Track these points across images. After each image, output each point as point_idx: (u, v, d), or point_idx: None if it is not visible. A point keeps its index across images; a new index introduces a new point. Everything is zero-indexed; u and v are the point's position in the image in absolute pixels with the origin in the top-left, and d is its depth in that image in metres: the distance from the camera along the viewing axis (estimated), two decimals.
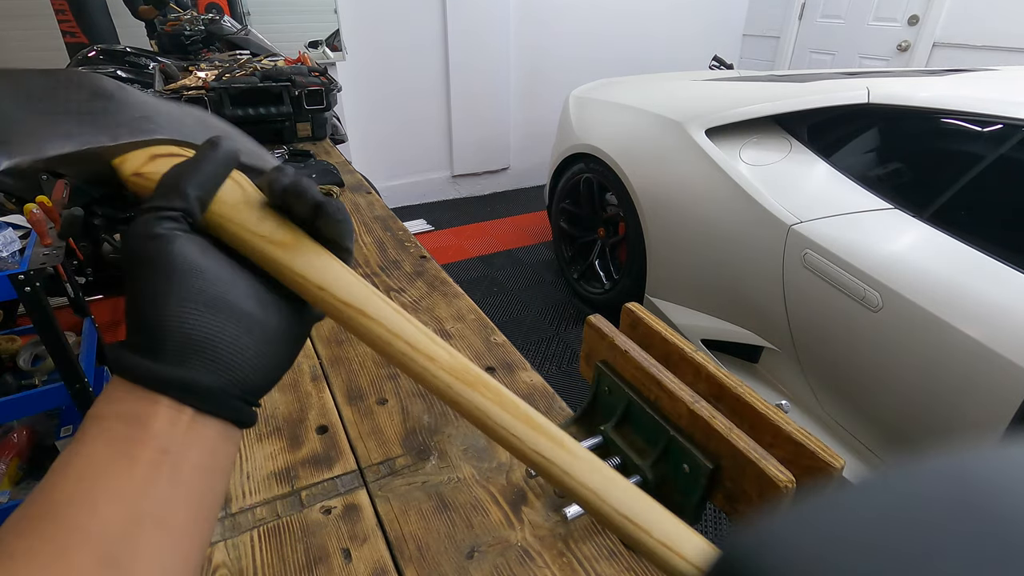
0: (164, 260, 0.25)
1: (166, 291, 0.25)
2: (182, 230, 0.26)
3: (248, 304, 0.27)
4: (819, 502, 0.17)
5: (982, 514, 0.14)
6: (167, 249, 0.26)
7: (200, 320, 0.25)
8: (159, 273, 0.25)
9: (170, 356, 0.25)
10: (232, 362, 0.26)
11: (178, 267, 0.25)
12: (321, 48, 3.02)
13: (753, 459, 0.45)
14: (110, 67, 2.23)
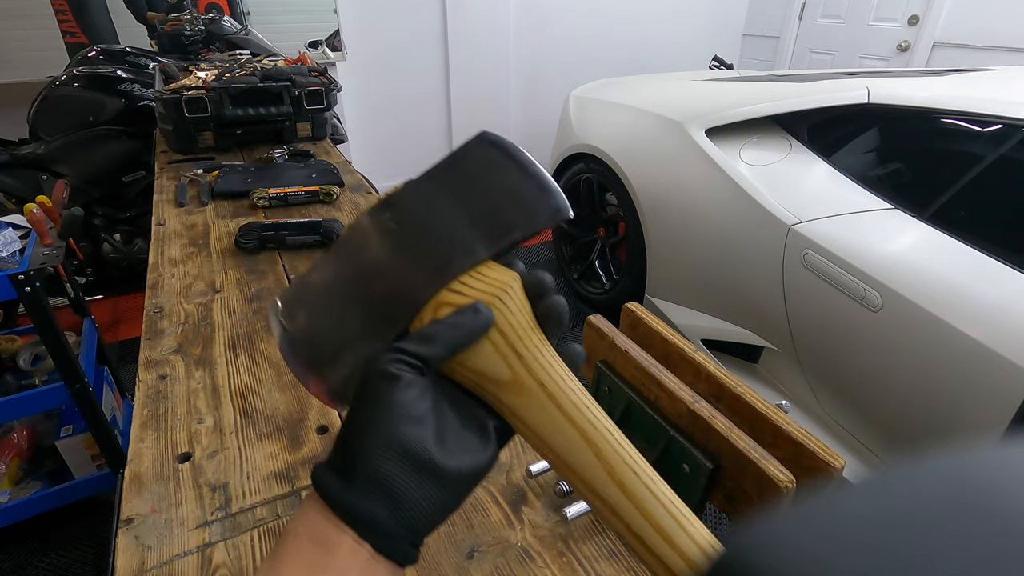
0: (384, 400, 0.27)
1: (376, 429, 0.27)
2: (413, 375, 0.28)
3: (450, 459, 0.28)
4: (819, 502, 0.17)
5: (981, 514, 0.14)
6: (391, 390, 0.27)
7: (397, 469, 0.26)
8: (376, 409, 0.27)
9: (360, 486, 0.26)
10: (415, 511, 0.27)
11: (395, 412, 0.27)
12: (321, 48, 3.02)
13: (753, 459, 0.45)
14: (110, 67, 2.23)
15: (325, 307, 0.32)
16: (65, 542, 1.47)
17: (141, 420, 0.64)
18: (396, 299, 0.30)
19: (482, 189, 0.33)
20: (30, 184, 2.11)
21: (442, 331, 0.28)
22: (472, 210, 0.32)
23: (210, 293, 0.90)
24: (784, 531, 0.16)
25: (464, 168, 0.34)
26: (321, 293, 0.32)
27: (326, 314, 0.32)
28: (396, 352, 0.28)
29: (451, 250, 0.31)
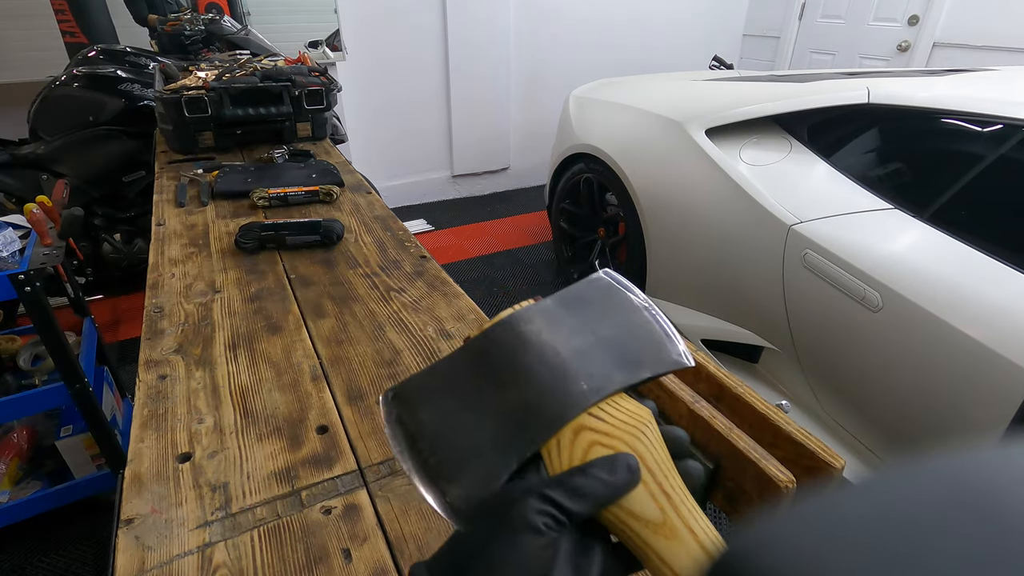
0: (520, 554, 0.25)
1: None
2: (556, 531, 0.26)
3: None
4: (819, 502, 0.17)
5: (980, 515, 0.14)
6: (528, 545, 0.25)
7: None
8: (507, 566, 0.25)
9: None
10: None
11: (535, 566, 0.25)
12: (321, 48, 3.02)
13: (753, 459, 0.45)
14: (110, 67, 2.23)
15: (451, 413, 0.30)
16: (65, 542, 1.47)
17: (141, 420, 0.64)
18: (535, 417, 0.29)
19: (613, 322, 0.33)
20: (30, 184, 2.11)
21: (596, 487, 0.27)
22: (606, 340, 0.32)
23: (210, 293, 0.90)
24: (784, 531, 0.16)
25: (591, 300, 0.34)
26: (448, 396, 0.31)
27: (452, 421, 0.30)
28: (545, 502, 0.26)
29: (591, 373, 0.29)
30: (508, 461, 0.29)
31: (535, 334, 0.31)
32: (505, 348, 0.31)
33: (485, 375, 0.31)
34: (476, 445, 0.29)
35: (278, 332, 0.81)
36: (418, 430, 0.31)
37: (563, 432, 0.29)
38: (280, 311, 0.86)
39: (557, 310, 0.33)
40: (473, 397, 0.31)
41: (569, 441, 0.28)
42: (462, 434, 0.30)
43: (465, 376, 0.31)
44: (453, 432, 0.30)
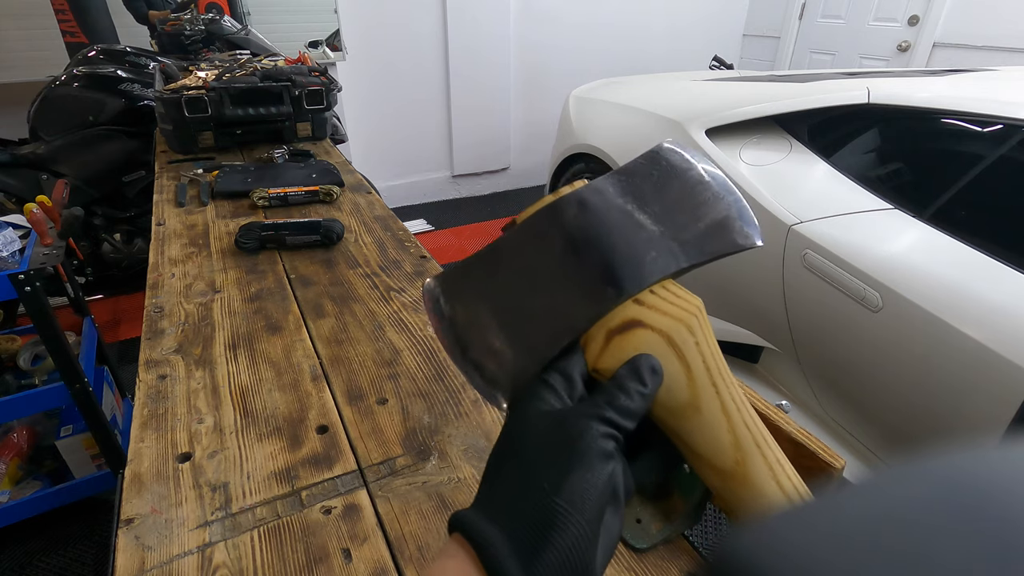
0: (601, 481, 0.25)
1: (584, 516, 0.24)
2: (618, 453, 0.26)
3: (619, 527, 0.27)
4: (819, 502, 0.17)
5: (980, 515, 0.14)
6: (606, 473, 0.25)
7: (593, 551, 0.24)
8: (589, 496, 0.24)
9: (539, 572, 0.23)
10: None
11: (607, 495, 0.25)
12: (321, 48, 3.02)
13: None
14: (110, 67, 2.23)
15: (500, 296, 0.30)
16: (65, 542, 1.47)
17: (141, 420, 0.64)
18: (577, 302, 0.28)
19: (671, 199, 0.31)
20: (30, 184, 2.11)
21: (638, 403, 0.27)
22: (660, 219, 0.30)
23: (210, 293, 0.90)
24: (785, 531, 0.16)
25: (649, 175, 0.32)
26: (496, 281, 0.30)
27: (500, 304, 0.30)
28: (607, 424, 0.26)
29: (639, 258, 0.29)
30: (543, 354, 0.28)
31: (579, 219, 0.29)
32: (547, 236, 0.30)
33: (526, 266, 0.30)
34: (517, 337, 0.29)
35: (278, 332, 0.81)
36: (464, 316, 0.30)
37: (605, 321, 0.28)
38: (280, 311, 0.86)
39: (609, 190, 0.31)
40: (514, 287, 0.30)
41: (607, 333, 0.28)
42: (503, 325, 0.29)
43: (507, 266, 0.30)
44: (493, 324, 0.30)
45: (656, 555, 0.51)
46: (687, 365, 0.28)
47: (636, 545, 0.51)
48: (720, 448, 0.28)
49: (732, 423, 0.28)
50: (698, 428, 0.28)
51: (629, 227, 0.30)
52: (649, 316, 0.28)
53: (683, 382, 0.28)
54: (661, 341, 0.28)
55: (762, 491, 0.28)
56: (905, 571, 0.14)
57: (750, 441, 0.28)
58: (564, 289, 0.29)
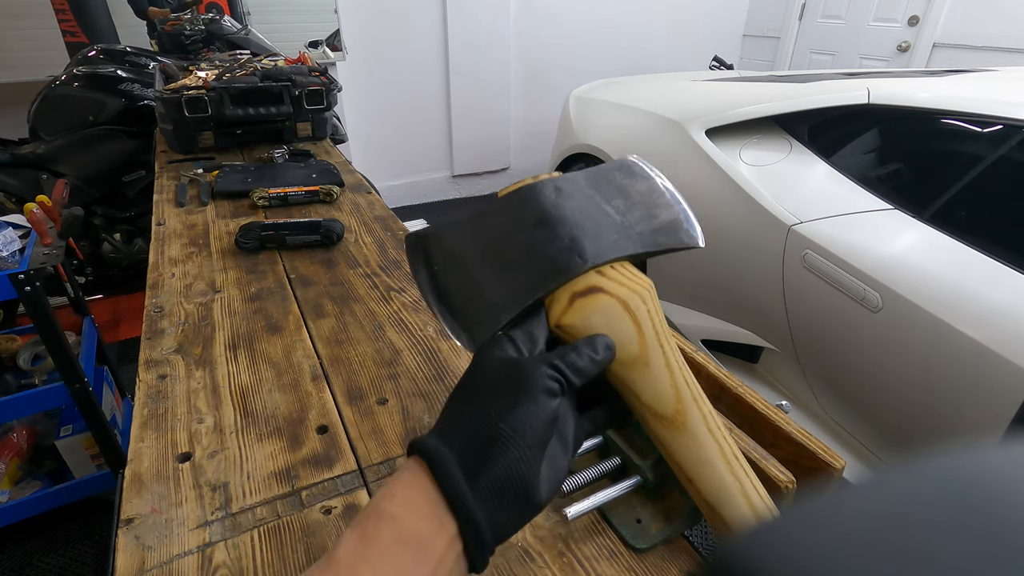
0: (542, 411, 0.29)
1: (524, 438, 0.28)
2: (560, 396, 0.30)
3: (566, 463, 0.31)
4: (819, 502, 0.17)
5: (982, 515, 0.14)
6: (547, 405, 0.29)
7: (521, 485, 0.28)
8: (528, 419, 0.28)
9: (484, 488, 0.27)
10: (512, 528, 0.29)
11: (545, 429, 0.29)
12: (321, 48, 3.02)
13: (753, 459, 0.45)
14: (110, 67, 2.23)
15: (480, 253, 0.35)
16: (65, 542, 1.47)
17: (141, 420, 0.64)
18: (552, 265, 0.33)
19: (633, 199, 0.37)
20: (30, 184, 2.11)
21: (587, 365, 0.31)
22: (622, 211, 0.36)
23: (210, 293, 0.90)
24: (785, 531, 0.16)
25: (614, 177, 0.38)
26: (476, 241, 0.35)
27: (479, 260, 0.34)
28: (554, 370, 0.30)
29: (603, 237, 0.34)
30: (516, 302, 0.33)
31: (555, 198, 0.35)
32: (526, 208, 0.35)
33: (506, 231, 0.35)
34: (491, 287, 0.34)
35: (278, 332, 0.81)
36: (442, 269, 0.35)
37: (570, 285, 0.33)
38: (280, 311, 0.86)
39: (581, 182, 0.37)
40: (493, 246, 0.35)
41: (571, 295, 0.33)
42: (479, 276, 0.34)
43: (488, 229, 0.35)
44: (471, 275, 0.34)
45: (656, 555, 0.51)
46: (639, 326, 0.33)
47: (636, 545, 0.51)
48: (664, 398, 0.32)
49: (674, 378, 0.33)
50: (646, 380, 0.32)
51: (596, 212, 0.35)
52: (609, 285, 0.33)
53: (635, 340, 0.32)
54: (618, 305, 0.33)
55: (698, 437, 0.32)
56: (908, 570, 0.14)
57: (688, 395, 0.33)
58: (537, 254, 0.33)
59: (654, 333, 0.33)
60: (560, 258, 0.33)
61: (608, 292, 0.33)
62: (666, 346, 0.33)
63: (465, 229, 0.36)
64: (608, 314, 0.32)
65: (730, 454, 0.32)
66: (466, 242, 0.35)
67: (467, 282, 0.34)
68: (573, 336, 0.33)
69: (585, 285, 0.33)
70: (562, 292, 0.33)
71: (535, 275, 0.33)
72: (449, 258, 0.35)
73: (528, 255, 0.33)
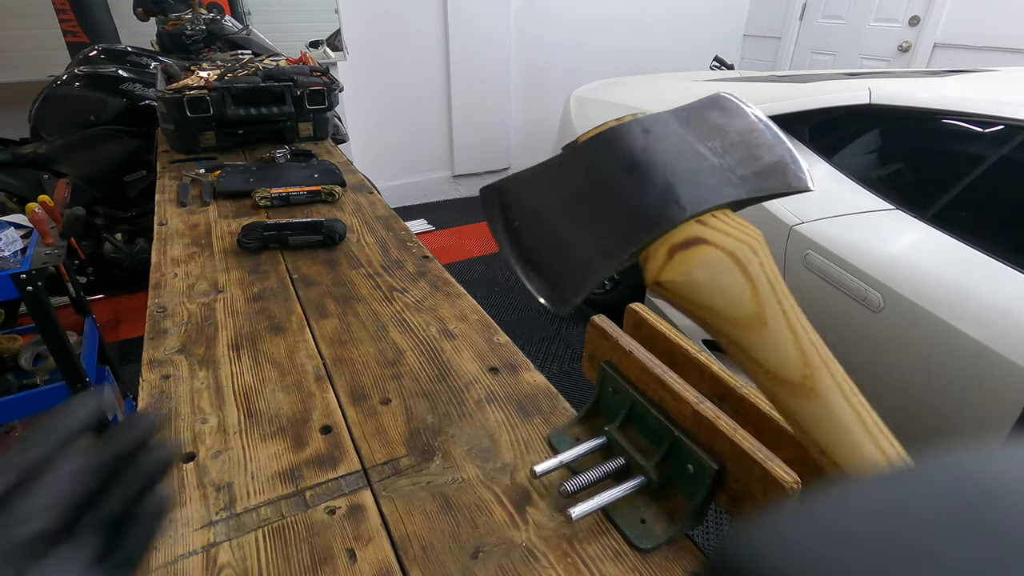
0: None
1: None
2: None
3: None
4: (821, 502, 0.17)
5: (985, 515, 0.14)
6: None
7: None
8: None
9: None
10: None
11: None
12: (322, 48, 3.02)
13: (758, 460, 0.46)
14: (111, 66, 2.23)
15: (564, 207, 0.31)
16: None
17: None
18: (647, 215, 0.29)
19: (732, 140, 0.33)
20: (32, 183, 2.11)
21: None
22: (719, 153, 0.32)
23: (213, 293, 0.90)
24: (788, 531, 0.17)
25: (708, 116, 0.33)
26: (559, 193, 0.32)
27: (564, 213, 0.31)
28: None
29: (700, 184, 0.30)
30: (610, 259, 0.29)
31: (644, 141, 0.31)
32: (613, 154, 0.31)
33: (591, 180, 0.31)
34: (581, 243, 0.30)
35: (281, 332, 0.81)
36: (522, 225, 0.31)
37: (668, 237, 0.29)
38: (283, 311, 0.86)
39: (671, 122, 0.33)
40: (578, 198, 0.31)
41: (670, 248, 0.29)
42: (566, 232, 0.30)
43: (571, 179, 0.31)
44: (556, 230, 0.31)
45: (660, 555, 0.51)
46: (752, 281, 0.29)
47: (640, 545, 0.51)
48: (787, 361, 0.29)
49: (798, 339, 0.29)
50: (765, 342, 0.29)
51: (691, 155, 0.31)
52: (713, 235, 0.29)
53: (748, 296, 0.29)
54: (725, 257, 0.29)
55: (832, 405, 0.28)
56: (907, 571, 0.14)
57: (817, 358, 0.29)
58: (628, 204, 0.30)
59: (770, 288, 0.29)
60: (655, 207, 0.29)
61: (712, 243, 0.29)
62: (785, 303, 0.30)
63: (545, 179, 0.32)
64: (713, 267, 0.29)
65: (871, 423, 0.29)
66: (548, 194, 0.32)
67: (552, 238, 0.31)
68: (676, 294, 0.29)
69: (685, 236, 0.29)
70: (659, 245, 0.29)
71: (628, 228, 0.29)
72: (530, 212, 0.32)
73: (619, 206, 0.30)
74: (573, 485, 0.52)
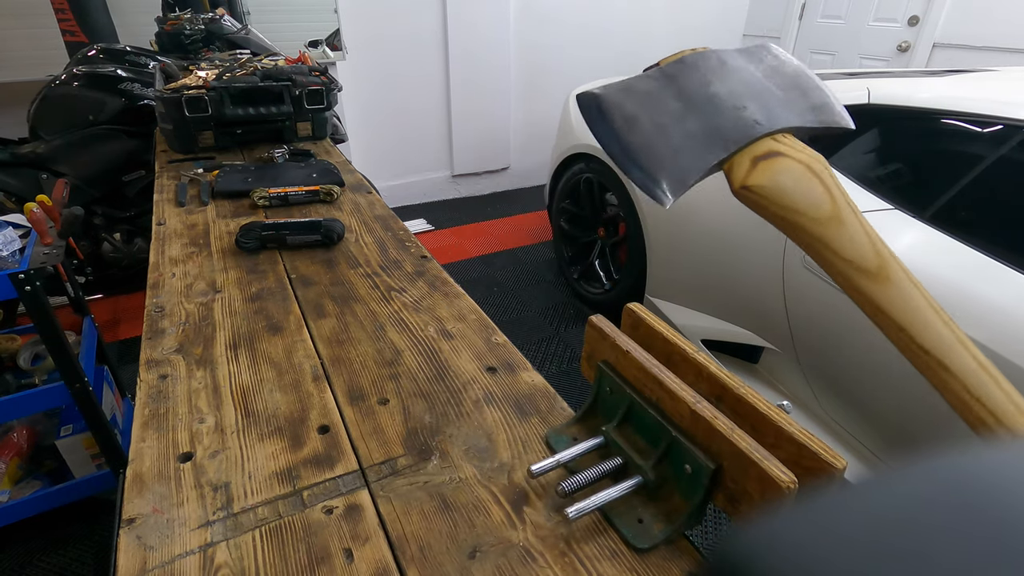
0: None
1: None
2: None
3: None
4: (820, 503, 0.17)
5: (982, 515, 0.14)
6: None
7: None
8: None
9: None
10: None
11: None
12: (321, 47, 3.02)
13: (755, 460, 0.45)
14: (110, 66, 2.23)
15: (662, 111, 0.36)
16: (65, 542, 1.47)
17: (142, 420, 0.64)
18: (730, 130, 0.34)
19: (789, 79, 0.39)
20: (30, 183, 2.11)
21: None
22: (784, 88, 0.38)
23: (211, 293, 0.90)
24: (785, 531, 0.17)
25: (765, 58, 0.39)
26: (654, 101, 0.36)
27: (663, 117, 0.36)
28: None
29: (773, 108, 0.36)
30: (702, 163, 0.34)
31: (721, 69, 0.36)
32: (695, 77, 0.36)
33: (679, 97, 0.36)
34: (678, 149, 0.35)
35: (279, 332, 0.81)
36: (622, 129, 0.36)
37: (750, 149, 0.34)
38: (281, 311, 0.86)
39: (739, 58, 0.39)
40: (670, 111, 0.36)
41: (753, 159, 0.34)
42: (661, 139, 0.35)
43: (660, 95, 0.36)
44: (654, 137, 0.35)
45: (658, 555, 0.51)
46: (827, 187, 0.34)
47: (638, 545, 0.51)
48: (865, 253, 0.34)
49: (870, 235, 0.34)
50: (843, 236, 0.33)
51: (759, 86, 0.37)
52: (788, 151, 0.34)
53: (826, 199, 0.33)
54: (802, 168, 0.34)
55: (904, 288, 0.33)
56: (905, 572, 0.14)
57: (887, 252, 0.34)
58: (714, 120, 0.35)
59: (841, 194, 0.34)
60: (738, 123, 0.34)
61: (790, 156, 0.34)
62: (855, 208, 0.34)
63: (639, 93, 0.37)
64: (795, 175, 0.34)
65: (936, 305, 0.32)
66: (642, 106, 0.37)
67: (650, 143, 0.36)
68: (762, 197, 0.34)
69: (765, 149, 0.34)
70: (743, 156, 0.34)
71: (716, 138, 0.34)
72: (628, 120, 0.36)
73: (707, 120, 0.35)
74: (570, 485, 0.52)
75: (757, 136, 0.34)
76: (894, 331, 0.33)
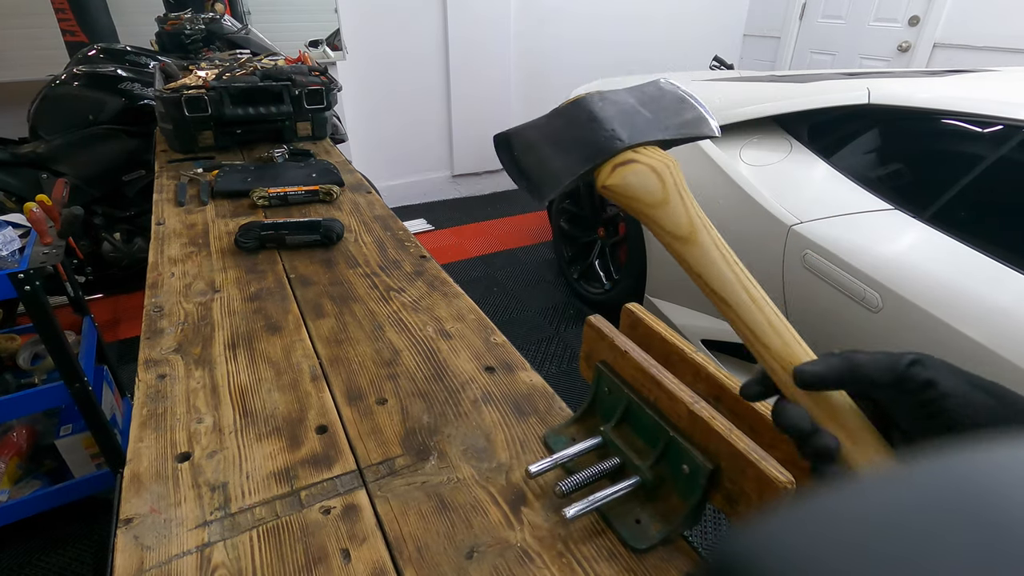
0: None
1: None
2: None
3: None
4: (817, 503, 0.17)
5: (980, 516, 0.14)
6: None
7: None
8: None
9: None
10: None
11: None
12: (321, 47, 3.02)
13: (753, 460, 0.45)
14: (110, 66, 2.23)
15: (548, 140, 0.47)
16: (64, 541, 1.47)
17: (140, 419, 0.64)
18: (599, 147, 0.45)
19: (664, 105, 0.49)
20: (30, 183, 2.11)
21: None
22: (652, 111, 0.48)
23: (210, 292, 0.90)
24: (783, 532, 0.16)
25: (648, 90, 0.50)
26: (545, 133, 0.48)
27: (548, 143, 0.47)
28: None
29: (637, 127, 0.46)
30: (574, 171, 0.45)
31: (601, 103, 0.47)
32: (580, 110, 0.47)
33: (566, 126, 0.47)
34: (556, 163, 0.46)
35: (278, 332, 0.81)
36: (520, 154, 0.48)
37: (613, 160, 0.44)
38: (280, 311, 0.86)
39: (621, 93, 0.49)
40: (557, 137, 0.47)
41: (613, 166, 0.44)
42: (547, 156, 0.47)
43: (553, 126, 0.48)
44: (541, 156, 0.47)
45: (655, 556, 0.51)
46: (662, 181, 0.44)
47: (635, 545, 0.51)
48: (681, 224, 0.43)
49: (689, 214, 0.44)
50: (667, 214, 0.43)
51: (632, 112, 0.47)
52: (641, 158, 0.44)
53: (659, 189, 0.43)
54: (647, 169, 0.44)
55: (706, 248, 0.43)
56: (903, 572, 0.14)
57: (699, 223, 0.44)
58: (588, 140, 0.46)
59: (674, 185, 0.44)
60: (605, 142, 0.45)
61: (640, 162, 0.44)
62: (684, 195, 0.44)
63: (537, 127, 0.49)
64: (640, 175, 0.44)
65: (733, 263, 0.43)
66: (538, 135, 0.48)
67: (539, 161, 0.47)
68: (613, 192, 0.44)
69: (623, 159, 0.44)
70: (607, 165, 0.44)
71: (588, 153, 0.45)
72: (526, 146, 0.48)
73: (583, 141, 0.45)
74: (568, 485, 0.52)
75: (619, 150, 0.44)
76: (695, 278, 0.43)
